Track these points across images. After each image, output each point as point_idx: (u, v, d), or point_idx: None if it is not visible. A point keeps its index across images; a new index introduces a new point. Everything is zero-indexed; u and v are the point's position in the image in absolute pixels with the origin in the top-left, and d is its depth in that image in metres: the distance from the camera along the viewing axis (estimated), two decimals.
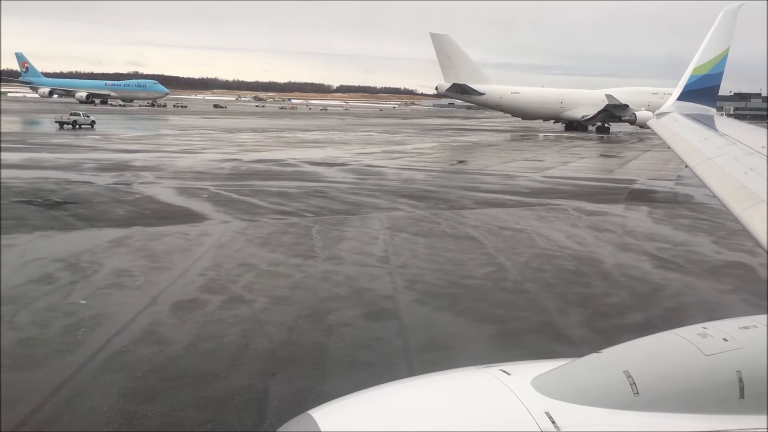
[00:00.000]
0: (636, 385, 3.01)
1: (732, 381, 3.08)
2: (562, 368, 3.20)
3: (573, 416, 2.89)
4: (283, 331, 12.44)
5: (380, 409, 2.96)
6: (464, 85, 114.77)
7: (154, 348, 11.43)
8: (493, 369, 3.21)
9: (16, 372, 10.26)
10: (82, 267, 16.50)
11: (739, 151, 7.18)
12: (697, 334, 3.28)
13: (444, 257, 18.52)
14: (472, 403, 2.96)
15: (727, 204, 5.87)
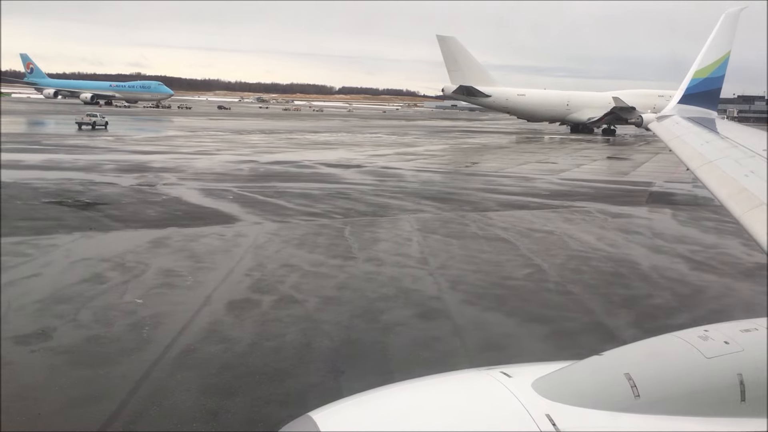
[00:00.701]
0: (637, 388, 3.01)
1: (733, 384, 3.08)
2: (563, 370, 3.21)
3: (574, 418, 2.89)
4: (340, 330, 12.71)
5: (380, 411, 2.97)
6: (471, 87, 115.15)
7: (220, 346, 11.70)
8: (494, 371, 3.22)
9: (94, 369, 10.54)
10: (129, 267, 16.76)
11: (741, 153, 7.20)
12: (699, 336, 3.28)
13: (480, 258, 18.79)
14: (472, 406, 2.97)
15: (729, 206, 5.89)
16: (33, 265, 16.71)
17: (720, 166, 7.06)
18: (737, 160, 6.93)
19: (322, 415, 2.93)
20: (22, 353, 11.09)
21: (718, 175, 6.83)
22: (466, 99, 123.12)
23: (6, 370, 10.43)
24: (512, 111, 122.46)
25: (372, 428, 2.79)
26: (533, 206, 29.25)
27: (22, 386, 9.83)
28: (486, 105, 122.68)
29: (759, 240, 4.92)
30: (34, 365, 10.64)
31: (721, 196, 6.25)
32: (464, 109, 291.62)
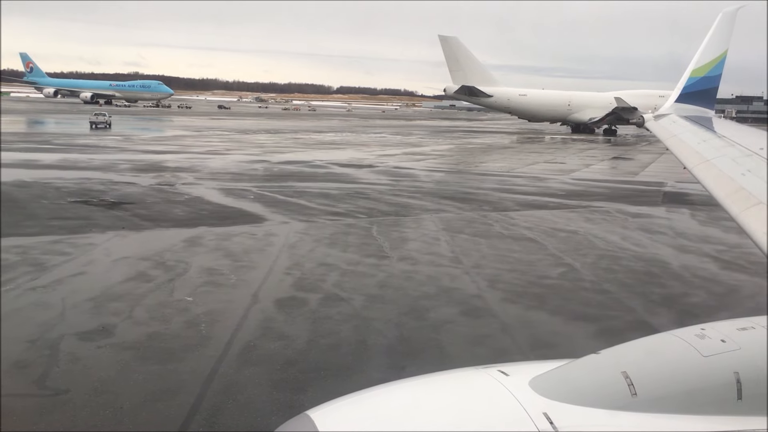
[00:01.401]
0: (634, 386, 3.02)
1: (730, 382, 3.10)
2: (560, 369, 3.22)
3: (571, 417, 2.90)
4: (392, 327, 13.00)
5: (378, 409, 2.99)
6: (473, 87, 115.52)
7: (279, 343, 11.98)
8: (491, 369, 3.23)
9: (162, 364, 10.82)
10: (170, 265, 17.03)
11: (738, 152, 7.22)
12: (695, 335, 3.30)
13: (512, 258, 19.09)
14: (470, 404, 2.98)
15: (726, 205, 5.93)
16: (76, 264, 16.96)
17: (717, 165, 7.11)
18: (734, 159, 6.97)
19: (319, 413, 2.95)
20: (89, 349, 11.36)
21: (715, 174, 6.88)
22: (468, 99, 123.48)
23: (77, 365, 10.72)
24: (514, 111, 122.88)
25: (369, 427, 2.81)
26: (552, 206, 29.57)
27: (98, 381, 10.10)
28: (488, 105, 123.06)
29: (756, 238, 4.93)
30: (103, 361, 10.91)
31: (718, 194, 6.30)
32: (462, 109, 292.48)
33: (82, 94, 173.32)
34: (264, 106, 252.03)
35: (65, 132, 68.42)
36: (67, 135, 64.17)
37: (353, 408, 3.03)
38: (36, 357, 10.92)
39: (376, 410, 2.98)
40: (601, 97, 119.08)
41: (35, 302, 13.81)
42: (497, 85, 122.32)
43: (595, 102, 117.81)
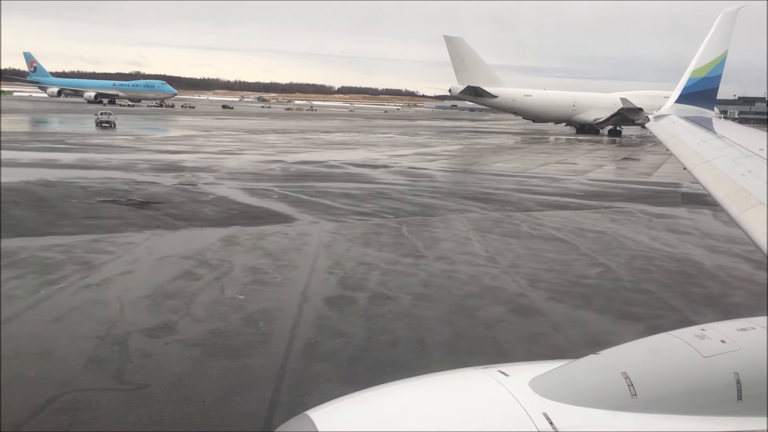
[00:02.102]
0: (634, 387, 3.02)
1: (730, 383, 3.10)
2: (560, 369, 3.23)
3: (571, 417, 2.91)
4: (445, 325, 13.27)
5: (378, 409, 2.99)
6: (478, 87, 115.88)
7: (339, 340, 12.25)
8: (491, 370, 3.23)
9: (232, 360, 11.08)
10: (213, 264, 17.29)
11: (738, 153, 7.20)
12: (695, 335, 3.31)
13: (546, 257, 19.36)
14: (470, 404, 2.98)
15: (726, 206, 5.91)
16: (122, 262, 17.23)
17: (717, 166, 7.09)
18: (734, 160, 6.96)
19: (319, 413, 2.97)
20: (157, 345, 11.63)
21: (716, 175, 6.87)
22: (473, 99, 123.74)
23: (150, 361, 10.99)
24: (519, 111, 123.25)
25: (369, 427, 2.82)
26: (573, 207, 29.85)
27: (174, 376, 10.37)
28: (493, 105, 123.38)
29: (757, 239, 4.93)
30: (173, 357, 11.18)
31: (719, 195, 6.30)
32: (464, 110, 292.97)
33: (86, 94, 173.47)
34: (267, 106, 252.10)
35: (75, 131, 68.64)
36: (79, 134, 64.41)
37: (353, 408, 3.05)
38: (108, 353, 11.19)
39: (376, 410, 2.98)
40: (606, 97, 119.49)
41: (92, 300, 14.07)
42: (502, 85, 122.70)
43: (600, 103, 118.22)
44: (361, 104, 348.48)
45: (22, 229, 20.51)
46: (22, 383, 9.83)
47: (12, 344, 11.32)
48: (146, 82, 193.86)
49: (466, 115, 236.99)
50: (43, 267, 16.29)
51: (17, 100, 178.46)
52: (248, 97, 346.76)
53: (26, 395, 9.43)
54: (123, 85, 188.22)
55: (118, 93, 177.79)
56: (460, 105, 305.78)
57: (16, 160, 39.49)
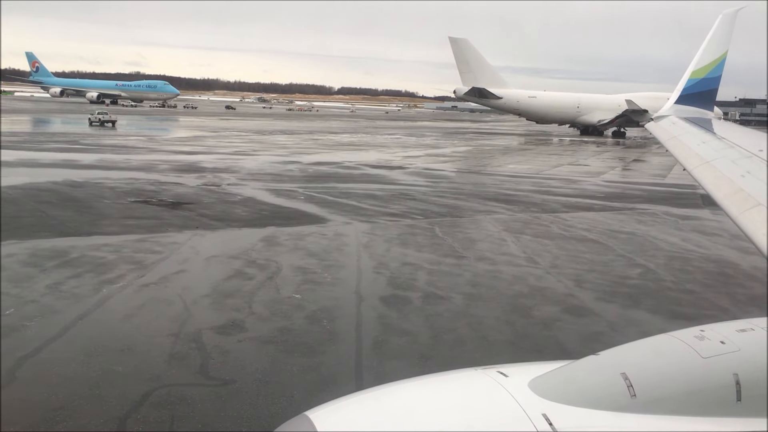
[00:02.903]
0: (633, 388, 3.02)
1: (729, 384, 3.10)
2: (560, 370, 3.23)
3: (570, 418, 2.91)
4: (504, 324, 13.57)
5: (377, 410, 2.99)
6: (483, 89, 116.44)
7: (405, 338, 12.55)
8: (491, 371, 3.23)
9: (308, 357, 11.36)
10: (261, 264, 17.57)
11: (737, 154, 7.17)
12: (695, 336, 3.31)
13: (584, 258, 19.67)
14: (469, 405, 2.98)
15: (725, 207, 5.90)
16: (172, 262, 17.50)
17: (716, 167, 7.05)
18: (734, 161, 6.92)
19: (318, 414, 2.96)
20: (231, 343, 11.92)
21: (715, 176, 6.84)
22: (478, 101, 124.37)
23: (230, 357, 11.27)
24: (523, 113, 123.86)
25: (368, 427, 2.82)
26: (597, 208, 30.18)
27: (257, 372, 10.66)
28: (497, 107, 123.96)
29: (756, 241, 4.91)
30: (251, 354, 11.46)
31: (718, 196, 6.27)
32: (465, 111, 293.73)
33: (89, 94, 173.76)
34: (268, 106, 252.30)
35: (85, 132, 68.86)
36: (91, 135, 64.62)
37: (352, 408, 3.05)
38: (186, 350, 11.47)
39: (375, 411, 2.98)
40: (610, 99, 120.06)
41: (155, 298, 14.37)
42: (506, 87, 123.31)
43: (604, 104, 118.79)
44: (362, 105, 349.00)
45: (66, 229, 20.78)
46: (113, 378, 10.11)
47: (93, 341, 11.61)
48: (149, 82, 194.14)
49: (467, 116, 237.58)
50: (97, 266, 16.56)
51: (19, 100, 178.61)
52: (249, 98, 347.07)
53: (121, 390, 9.71)
54: (125, 85, 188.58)
55: (120, 93, 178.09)
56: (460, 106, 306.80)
57: (37, 161, 39.74)
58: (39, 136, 60.11)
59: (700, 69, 12.88)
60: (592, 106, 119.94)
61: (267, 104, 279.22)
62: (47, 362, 10.66)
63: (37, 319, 12.55)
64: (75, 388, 9.73)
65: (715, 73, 12.98)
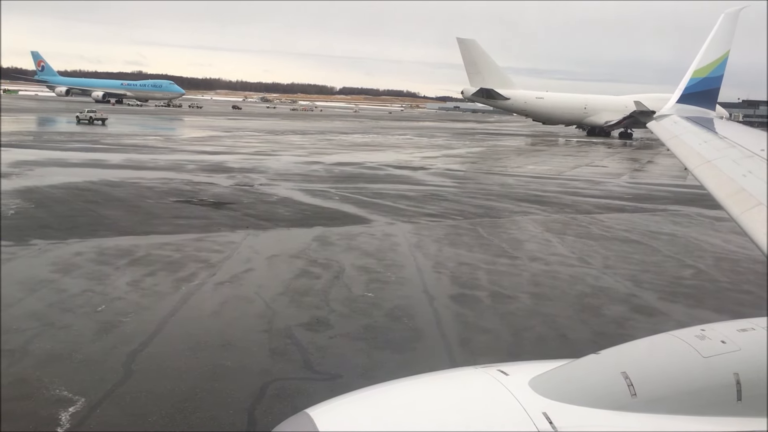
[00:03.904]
0: (634, 387, 3.02)
1: (729, 383, 3.10)
2: (560, 369, 3.23)
3: (570, 417, 2.92)
4: (579, 323, 13.94)
5: (378, 408, 2.99)
6: (491, 90, 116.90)
7: (487, 336, 12.94)
8: (491, 369, 3.23)
9: (401, 353, 11.73)
10: (323, 263, 17.93)
11: (739, 153, 7.13)
12: (695, 336, 3.30)
13: (634, 259, 20.06)
14: (469, 403, 2.98)
15: (726, 206, 5.87)
16: (237, 261, 17.88)
17: (718, 166, 7.04)
18: (735, 160, 6.91)
19: (319, 411, 2.95)
20: (323, 339, 12.29)
21: (716, 175, 6.82)
22: (485, 101, 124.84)
23: (327, 353, 11.65)
24: (530, 113, 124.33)
25: (368, 425, 2.82)
26: (629, 209, 30.58)
27: (358, 367, 11.03)
28: (504, 107, 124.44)
29: (757, 240, 4.92)
30: (346, 349, 11.85)
31: (719, 195, 6.25)
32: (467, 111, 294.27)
33: (94, 93, 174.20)
34: (272, 106, 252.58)
35: (100, 132, 69.20)
36: (111, 135, 64.99)
37: (353, 406, 3.04)
38: (283, 345, 11.85)
39: (376, 409, 2.98)
40: (617, 100, 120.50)
41: (235, 296, 14.74)
42: (514, 87, 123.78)
43: (612, 105, 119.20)
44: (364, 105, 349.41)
45: (122, 229, 21.15)
46: (225, 372, 10.48)
47: (192, 337, 12.00)
48: (154, 82, 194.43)
49: (471, 117, 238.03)
50: (167, 265, 16.93)
51: (24, 99, 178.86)
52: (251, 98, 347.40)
53: (238, 383, 10.09)
54: (131, 84, 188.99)
55: (126, 93, 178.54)
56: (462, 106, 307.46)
57: (66, 161, 40.09)
58: (60, 136, 60.38)
59: (702, 68, 12.94)
60: (599, 108, 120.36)
61: (270, 104, 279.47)
62: (158, 357, 11.04)
63: (131, 316, 12.91)
64: (193, 382, 10.10)
65: (717, 72, 13.04)
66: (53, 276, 15.45)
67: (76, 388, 9.62)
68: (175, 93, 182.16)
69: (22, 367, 10.31)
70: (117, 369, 10.43)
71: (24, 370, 10.20)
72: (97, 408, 9.09)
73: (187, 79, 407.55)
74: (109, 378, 10.07)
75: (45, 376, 10.00)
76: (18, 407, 9.01)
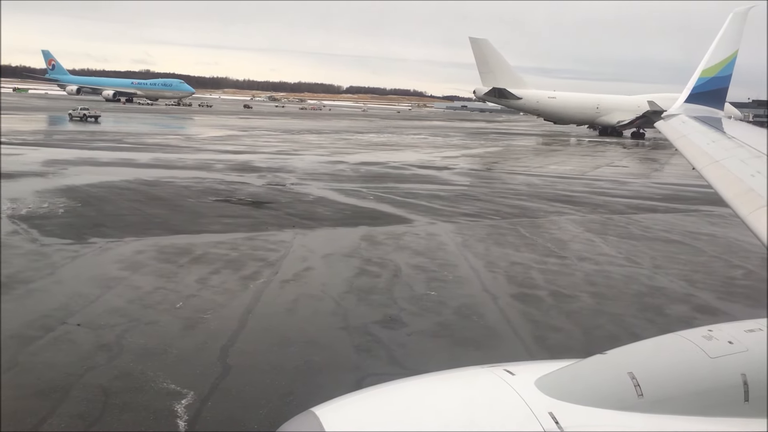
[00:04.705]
0: (640, 387, 3.01)
1: (737, 384, 3.09)
2: (567, 369, 3.22)
3: (577, 417, 2.91)
4: (646, 322, 14.17)
5: (384, 407, 2.98)
6: (504, 89, 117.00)
7: (560, 334, 13.19)
8: (498, 369, 3.22)
9: (482, 351, 11.99)
10: (378, 262, 18.20)
11: (747, 153, 7.12)
12: (703, 336, 3.29)
13: (680, 259, 20.28)
14: (476, 403, 2.97)
15: (735, 207, 5.86)
16: (294, 259, 18.18)
17: (726, 166, 7.01)
18: (743, 160, 6.88)
19: (324, 410, 2.95)
20: (401, 336, 12.57)
21: (724, 175, 6.81)
22: (497, 101, 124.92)
23: (411, 350, 11.92)
24: (542, 113, 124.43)
25: (375, 424, 2.81)
26: (662, 210, 30.77)
27: (450, 362, 11.24)
28: (517, 107, 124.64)
29: (765, 240, 4.91)
30: (429, 346, 12.13)
31: (727, 195, 6.23)
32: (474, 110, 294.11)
33: (105, 92, 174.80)
34: (281, 105, 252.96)
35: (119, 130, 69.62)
36: (131, 134, 65.39)
37: (359, 405, 3.02)
38: (365, 342, 12.14)
39: (382, 408, 2.97)
40: (629, 100, 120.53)
41: (303, 294, 15.06)
42: (526, 87, 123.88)
43: (624, 105, 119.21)
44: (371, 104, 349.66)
45: (173, 227, 21.47)
46: (319, 367, 10.76)
47: (275, 333, 12.32)
48: (164, 81, 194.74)
49: (479, 116, 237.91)
50: (228, 263, 17.22)
51: (34, 97, 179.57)
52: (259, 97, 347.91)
53: (333, 377, 10.36)
54: (141, 83, 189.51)
55: (136, 91, 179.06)
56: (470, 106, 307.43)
57: (96, 160, 40.47)
58: (82, 135, 60.79)
59: (711, 68, 12.87)
60: (611, 107, 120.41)
61: (279, 103, 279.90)
62: (249, 352, 11.34)
63: (210, 313, 13.21)
64: (291, 376, 10.38)
65: (726, 72, 12.98)
66: (123, 273, 15.76)
67: (182, 381, 9.91)
68: (186, 92, 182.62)
69: (124, 362, 10.61)
70: (214, 363, 10.72)
71: (126, 364, 10.49)
72: (207, 400, 9.37)
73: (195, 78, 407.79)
74: (209, 372, 10.36)
75: (148, 369, 10.29)
76: (133, 399, 9.31)
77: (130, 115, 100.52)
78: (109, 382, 9.79)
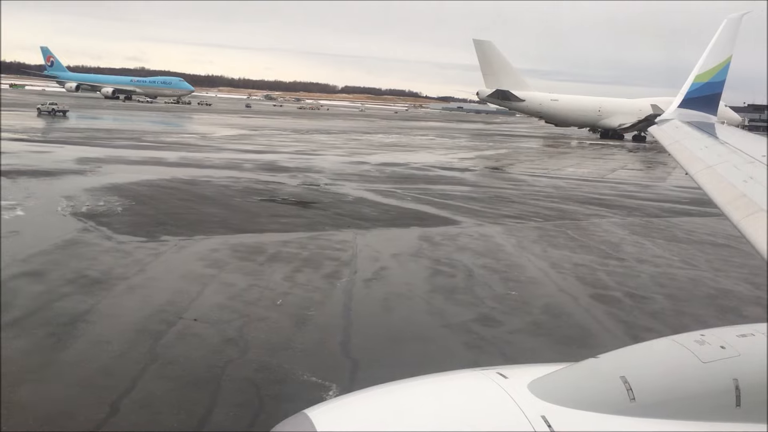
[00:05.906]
0: (632, 391, 3.03)
1: (729, 389, 3.10)
2: (559, 372, 3.25)
3: (569, 420, 2.93)
4: (730, 324, 14.60)
5: (376, 409, 3.00)
6: (507, 91, 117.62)
7: (653, 334, 13.54)
8: (490, 372, 3.24)
9: (587, 349, 12.37)
10: (447, 263, 18.58)
11: (740, 159, 7.14)
12: (695, 341, 3.30)
13: (736, 262, 20.74)
14: (468, 406, 2.99)
15: (727, 212, 5.86)
16: (365, 259, 18.55)
17: (719, 171, 7.02)
18: (736, 166, 6.91)
19: (317, 412, 2.96)
20: (503, 333, 12.96)
21: (717, 180, 6.82)
22: (500, 103, 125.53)
23: (518, 347, 12.30)
24: (545, 115, 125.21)
25: (367, 427, 2.83)
26: (696, 213, 31.32)
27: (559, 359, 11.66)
28: (519, 109, 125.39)
29: (757, 246, 4.93)
30: (536, 344, 12.52)
31: (720, 201, 6.26)
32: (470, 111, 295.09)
33: (103, 89, 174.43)
34: (279, 104, 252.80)
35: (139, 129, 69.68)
36: (148, 132, 65.44)
37: (351, 407, 3.05)
38: (472, 339, 12.52)
39: (374, 410, 2.99)
40: (631, 103, 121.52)
41: (391, 293, 15.42)
42: (528, 89, 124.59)
43: (625, 108, 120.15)
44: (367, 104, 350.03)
45: (234, 226, 21.78)
46: (441, 363, 11.09)
47: (383, 330, 12.74)
48: (163, 78, 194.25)
49: (475, 117, 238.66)
50: (304, 262, 17.57)
51: (32, 93, 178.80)
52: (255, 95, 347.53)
53: None
54: (140, 81, 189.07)
55: (135, 89, 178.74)
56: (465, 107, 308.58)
57: (125, 158, 40.64)
58: (99, 132, 60.84)
59: (705, 73, 12.87)
60: (613, 110, 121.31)
61: (276, 102, 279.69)
62: (368, 348, 11.72)
63: (313, 309, 13.56)
64: (420, 371, 10.70)
65: (720, 77, 13.00)
66: (209, 271, 16.07)
67: (320, 374, 10.27)
68: (185, 90, 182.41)
69: (256, 355, 10.93)
70: (340, 357, 11.10)
71: (260, 358, 10.83)
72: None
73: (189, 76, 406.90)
74: (340, 366, 10.74)
75: (284, 363, 10.65)
76: (283, 391, 9.64)
77: (133, 113, 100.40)
78: (253, 373, 10.12)
